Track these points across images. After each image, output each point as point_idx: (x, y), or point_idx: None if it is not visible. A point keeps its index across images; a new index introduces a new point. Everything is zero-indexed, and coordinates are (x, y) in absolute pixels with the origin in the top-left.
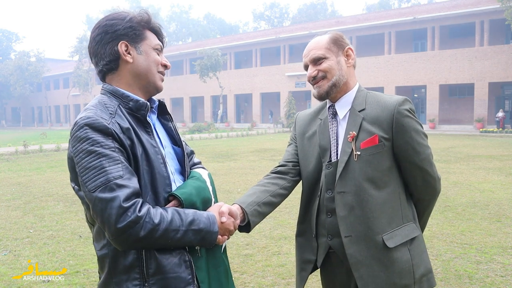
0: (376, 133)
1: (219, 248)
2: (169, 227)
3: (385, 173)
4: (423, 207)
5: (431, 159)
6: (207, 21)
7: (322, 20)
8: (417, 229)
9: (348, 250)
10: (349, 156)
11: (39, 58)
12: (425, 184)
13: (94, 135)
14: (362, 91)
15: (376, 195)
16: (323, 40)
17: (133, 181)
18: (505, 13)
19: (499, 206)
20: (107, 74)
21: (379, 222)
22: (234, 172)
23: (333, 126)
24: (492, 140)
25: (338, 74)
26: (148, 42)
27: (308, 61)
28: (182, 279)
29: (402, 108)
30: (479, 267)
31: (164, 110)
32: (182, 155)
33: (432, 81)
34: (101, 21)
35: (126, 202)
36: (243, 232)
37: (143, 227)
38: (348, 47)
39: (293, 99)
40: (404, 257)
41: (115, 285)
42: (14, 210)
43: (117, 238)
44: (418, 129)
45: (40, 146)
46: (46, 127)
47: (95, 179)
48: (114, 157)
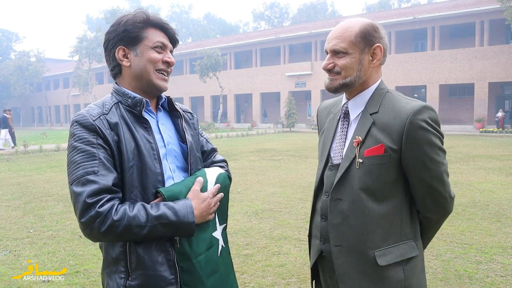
0: (383, 143)
1: (216, 250)
2: (132, 223)
3: (387, 185)
4: (430, 226)
5: (444, 177)
6: (207, 21)
7: (322, 20)
8: (416, 248)
9: (336, 260)
10: (351, 162)
11: (39, 58)
12: (434, 203)
13: (80, 131)
14: (380, 90)
15: (373, 207)
16: (351, 30)
17: (106, 177)
18: (505, 13)
19: (499, 206)
20: (116, 77)
21: (373, 236)
22: (234, 172)
23: (344, 126)
24: (492, 140)
25: (355, 75)
26: (146, 42)
27: (328, 49)
28: (163, 278)
29: (417, 118)
30: (479, 267)
31: (172, 107)
32: (188, 152)
33: (432, 81)
34: (109, 28)
35: (91, 198)
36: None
37: (103, 223)
38: (377, 44)
39: (293, 99)
40: (397, 276)
41: (106, 275)
42: (14, 210)
43: (83, 232)
44: (433, 143)
45: (40, 146)
46: (46, 127)
47: (73, 173)
48: (92, 153)
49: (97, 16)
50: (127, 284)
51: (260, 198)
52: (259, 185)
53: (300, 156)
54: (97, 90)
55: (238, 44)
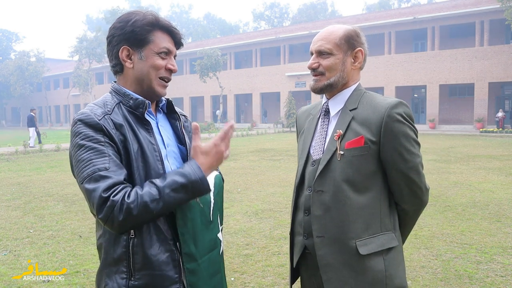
0: (363, 135)
1: (218, 251)
2: (146, 200)
3: (367, 177)
4: (407, 217)
5: (420, 169)
6: (207, 21)
7: (322, 20)
8: (395, 239)
9: (318, 251)
10: (332, 154)
11: (39, 58)
12: (410, 194)
13: (85, 129)
14: (359, 91)
15: (354, 198)
16: (336, 34)
17: (119, 173)
18: (505, 13)
19: (499, 206)
20: (116, 74)
21: (354, 227)
22: (234, 172)
23: (324, 123)
24: (492, 140)
25: (339, 76)
26: (152, 46)
27: (313, 50)
28: (168, 278)
29: (394, 111)
30: (479, 267)
31: (171, 109)
32: (186, 155)
33: (432, 81)
34: (115, 21)
35: (106, 192)
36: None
37: (120, 210)
38: (358, 48)
39: (293, 99)
40: (378, 266)
41: (105, 276)
42: (14, 210)
43: (105, 226)
44: (409, 135)
45: (40, 146)
46: (46, 127)
47: (83, 171)
48: (102, 150)
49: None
50: (130, 284)
51: (260, 198)
52: (259, 185)
53: None
54: (97, 90)
55: (238, 44)
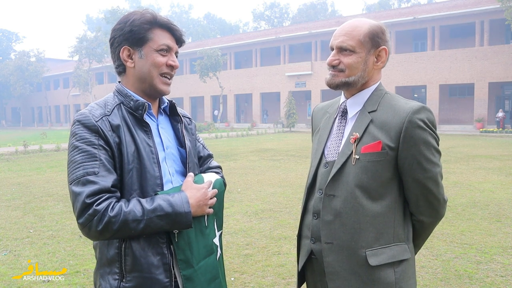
0: (381, 140)
1: (215, 257)
2: (128, 218)
3: (382, 184)
4: (422, 229)
5: (439, 179)
6: (207, 21)
7: (322, 20)
8: (408, 251)
9: (326, 257)
10: (347, 158)
11: (39, 58)
12: (427, 205)
13: (81, 131)
14: (379, 91)
15: (367, 205)
16: (360, 29)
17: (107, 178)
18: (505, 13)
19: (499, 206)
20: (120, 75)
21: (365, 235)
22: (234, 172)
23: (341, 124)
24: (492, 140)
25: (359, 75)
26: (151, 44)
27: (334, 45)
28: (158, 281)
29: (416, 117)
30: (479, 267)
31: (174, 111)
32: (186, 157)
33: (432, 81)
34: (116, 24)
35: (89, 198)
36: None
37: (100, 221)
38: (383, 47)
39: (293, 99)
40: (388, 278)
41: (99, 276)
42: (14, 210)
43: (81, 230)
44: (429, 143)
45: (40, 146)
46: (46, 127)
47: (73, 172)
48: (94, 154)
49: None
50: (121, 285)
51: (260, 198)
52: (259, 185)
53: (300, 156)
54: (97, 90)
55: (238, 44)
